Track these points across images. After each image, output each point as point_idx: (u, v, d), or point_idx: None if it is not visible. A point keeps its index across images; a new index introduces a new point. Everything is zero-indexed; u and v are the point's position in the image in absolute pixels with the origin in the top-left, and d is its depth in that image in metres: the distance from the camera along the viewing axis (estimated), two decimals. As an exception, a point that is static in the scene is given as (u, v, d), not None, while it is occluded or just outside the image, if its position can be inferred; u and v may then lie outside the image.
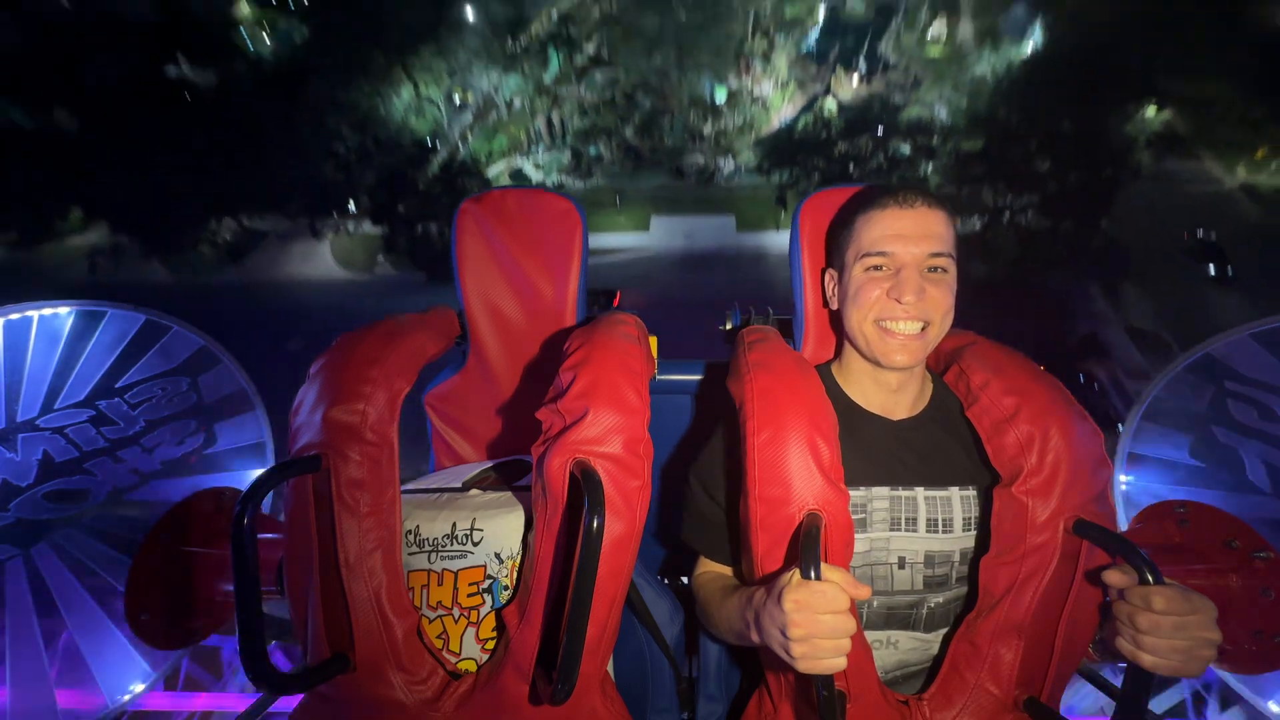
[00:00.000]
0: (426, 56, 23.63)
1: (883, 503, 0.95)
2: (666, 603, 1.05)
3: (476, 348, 1.26)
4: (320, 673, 0.81)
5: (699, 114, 24.83)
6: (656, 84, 24.41)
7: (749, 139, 25.24)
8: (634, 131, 24.93)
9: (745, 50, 24.51)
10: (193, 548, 1.26)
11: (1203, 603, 0.70)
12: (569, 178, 25.55)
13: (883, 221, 0.93)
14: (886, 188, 0.96)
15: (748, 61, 24.47)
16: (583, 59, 24.80)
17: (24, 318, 1.65)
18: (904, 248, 0.91)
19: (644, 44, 24.18)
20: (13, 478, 1.52)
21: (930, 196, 0.94)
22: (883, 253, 0.92)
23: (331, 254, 22.56)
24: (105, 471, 1.62)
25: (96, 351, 1.71)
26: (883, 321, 0.93)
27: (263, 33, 23.51)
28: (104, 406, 1.67)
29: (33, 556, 1.49)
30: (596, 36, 24.56)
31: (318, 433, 0.86)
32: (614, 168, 24.99)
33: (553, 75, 24.90)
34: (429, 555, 0.90)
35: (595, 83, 24.81)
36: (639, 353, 0.95)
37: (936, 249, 0.91)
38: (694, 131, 24.94)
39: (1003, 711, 0.85)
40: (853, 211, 0.98)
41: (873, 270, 0.93)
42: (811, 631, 0.68)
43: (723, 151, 25.10)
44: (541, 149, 25.47)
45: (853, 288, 0.96)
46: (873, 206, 0.95)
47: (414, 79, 23.72)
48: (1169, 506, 1.21)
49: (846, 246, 0.98)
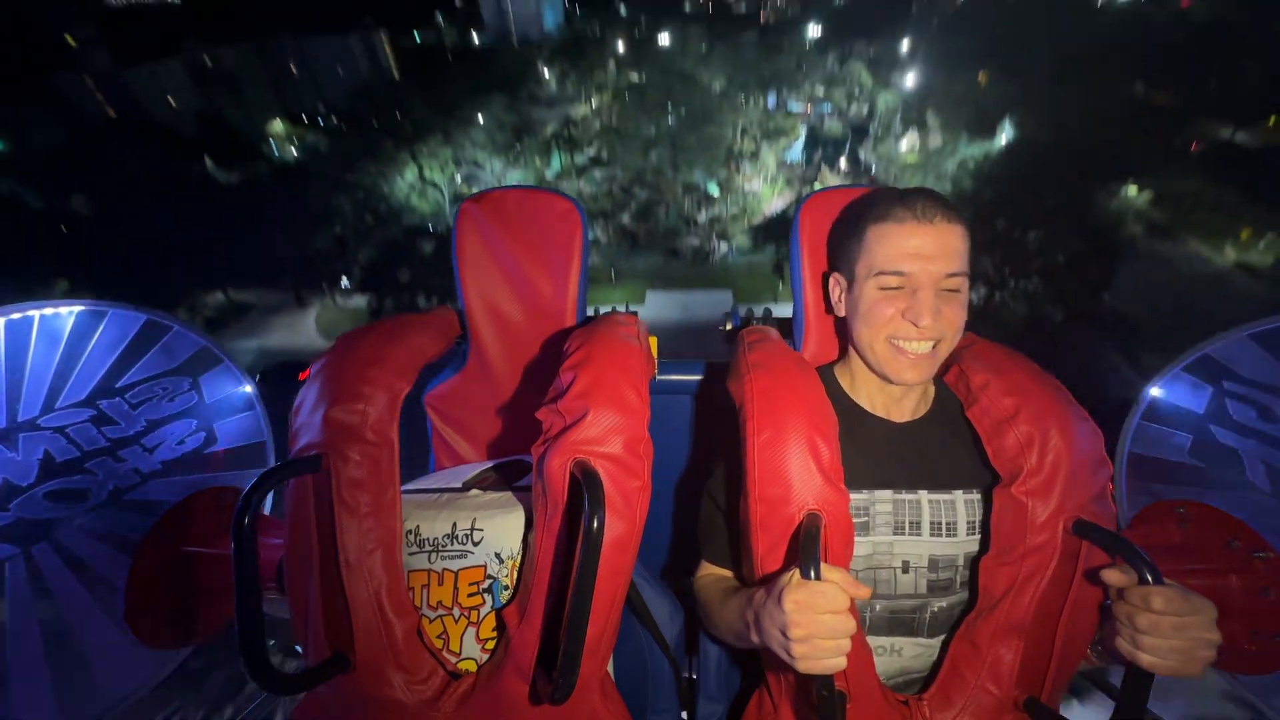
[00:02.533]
0: (433, 144, 24.79)
1: (885, 506, 0.94)
2: (666, 603, 1.05)
3: (476, 348, 1.26)
4: (320, 673, 0.81)
5: (694, 203, 25.82)
6: (653, 180, 25.46)
7: (743, 224, 26.18)
8: (630, 218, 25.76)
9: (734, 152, 26.00)
10: (193, 548, 1.26)
11: (1202, 603, 0.70)
12: None
13: (899, 237, 0.87)
14: (900, 195, 0.90)
15: (737, 163, 25.86)
16: (583, 159, 26.06)
17: (25, 317, 1.65)
18: (921, 267, 0.87)
19: (641, 145, 25.45)
20: (13, 477, 1.52)
21: (949, 208, 0.88)
22: (899, 272, 0.88)
23: (316, 325, 22.82)
24: (106, 471, 1.62)
25: (97, 351, 1.71)
26: (895, 340, 0.91)
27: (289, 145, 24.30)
28: (105, 406, 1.67)
29: (33, 556, 1.49)
30: (597, 142, 25.87)
31: (318, 433, 0.86)
32: (610, 249, 25.71)
33: (554, 173, 26.05)
34: (429, 555, 0.90)
35: (594, 178, 25.98)
36: (639, 353, 0.95)
37: (954, 268, 0.87)
38: (689, 218, 25.80)
39: (1003, 711, 0.85)
40: (863, 218, 0.92)
41: (888, 289, 0.90)
42: (811, 631, 0.68)
43: (718, 235, 25.98)
44: None
45: (864, 304, 0.92)
46: (888, 219, 0.89)
47: (419, 163, 24.70)
48: (1169, 506, 1.21)
49: (856, 257, 0.93)
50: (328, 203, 23.33)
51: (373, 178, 24.18)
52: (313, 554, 0.85)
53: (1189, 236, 21.54)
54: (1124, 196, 22.25)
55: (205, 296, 22.45)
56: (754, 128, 26.34)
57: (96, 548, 1.53)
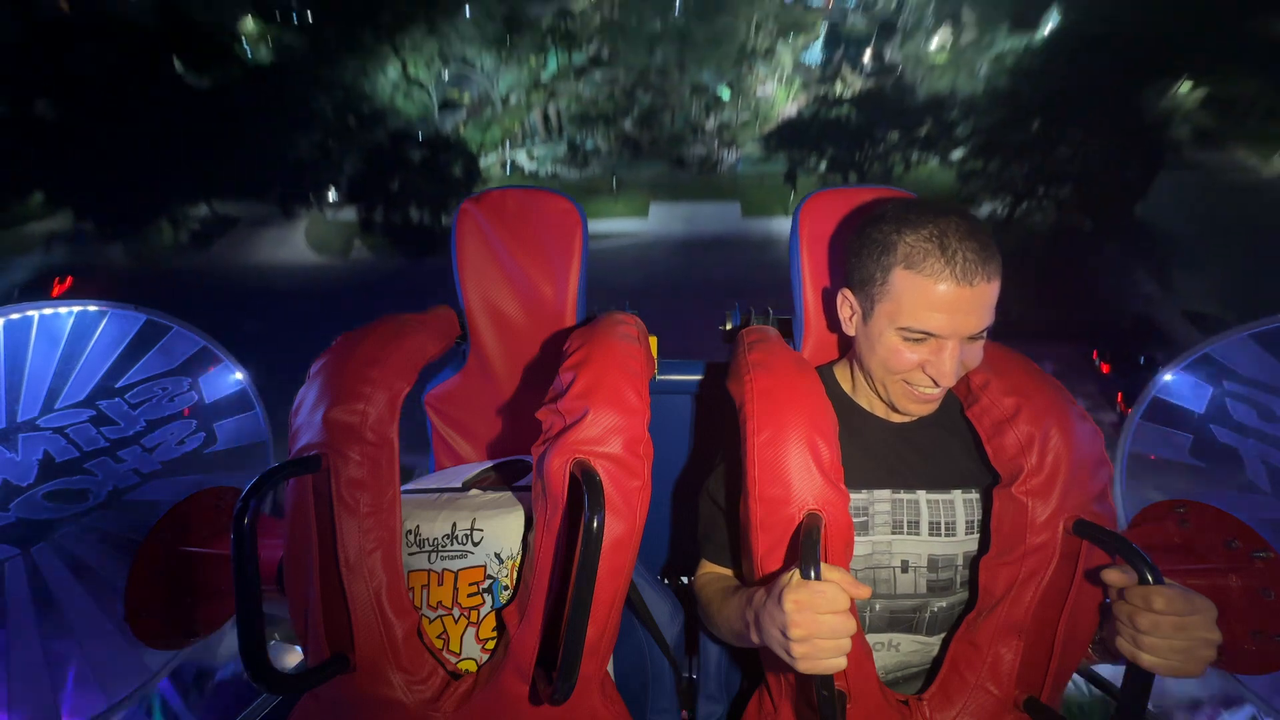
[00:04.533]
0: (416, 36, 22.88)
1: (884, 505, 0.94)
2: (666, 603, 1.05)
3: (477, 348, 1.26)
4: (320, 673, 0.81)
5: (701, 107, 24.27)
6: (657, 82, 23.96)
7: (754, 131, 24.63)
8: (633, 123, 24.42)
9: (747, 49, 24.01)
10: (193, 548, 1.26)
11: (1203, 603, 0.70)
12: (564, 168, 24.99)
13: (931, 296, 0.80)
14: (939, 238, 0.80)
15: (750, 62, 24.03)
16: (582, 59, 24.37)
17: (24, 318, 1.64)
18: (952, 329, 0.82)
19: (645, 41, 23.71)
20: (13, 478, 1.52)
21: (989, 260, 0.79)
22: (925, 332, 0.83)
23: (305, 239, 21.97)
24: (105, 471, 1.62)
25: (97, 351, 1.71)
26: (910, 383, 0.89)
27: (263, 46, 23.21)
28: (104, 406, 1.67)
29: (33, 556, 1.49)
30: (597, 39, 24.16)
31: (318, 433, 0.86)
32: (611, 158, 24.43)
33: (551, 74, 24.47)
34: (429, 555, 0.90)
35: (594, 80, 24.39)
36: (639, 353, 0.95)
37: (985, 325, 0.83)
38: (696, 125, 24.35)
39: (1003, 711, 0.85)
40: (891, 252, 0.83)
41: (910, 339, 0.85)
42: (812, 631, 0.68)
43: (726, 144, 24.50)
44: (537, 141, 24.99)
45: (882, 348, 0.88)
46: (921, 270, 0.80)
47: (402, 58, 23.02)
48: (1169, 506, 1.21)
49: (877, 295, 0.86)
50: (307, 104, 21.97)
51: (353, 75, 22.49)
52: (313, 554, 0.85)
53: (1236, 144, 19.81)
54: (1174, 95, 20.17)
55: (189, 209, 21.41)
56: (770, 21, 23.74)
57: (96, 548, 1.53)
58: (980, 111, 22.34)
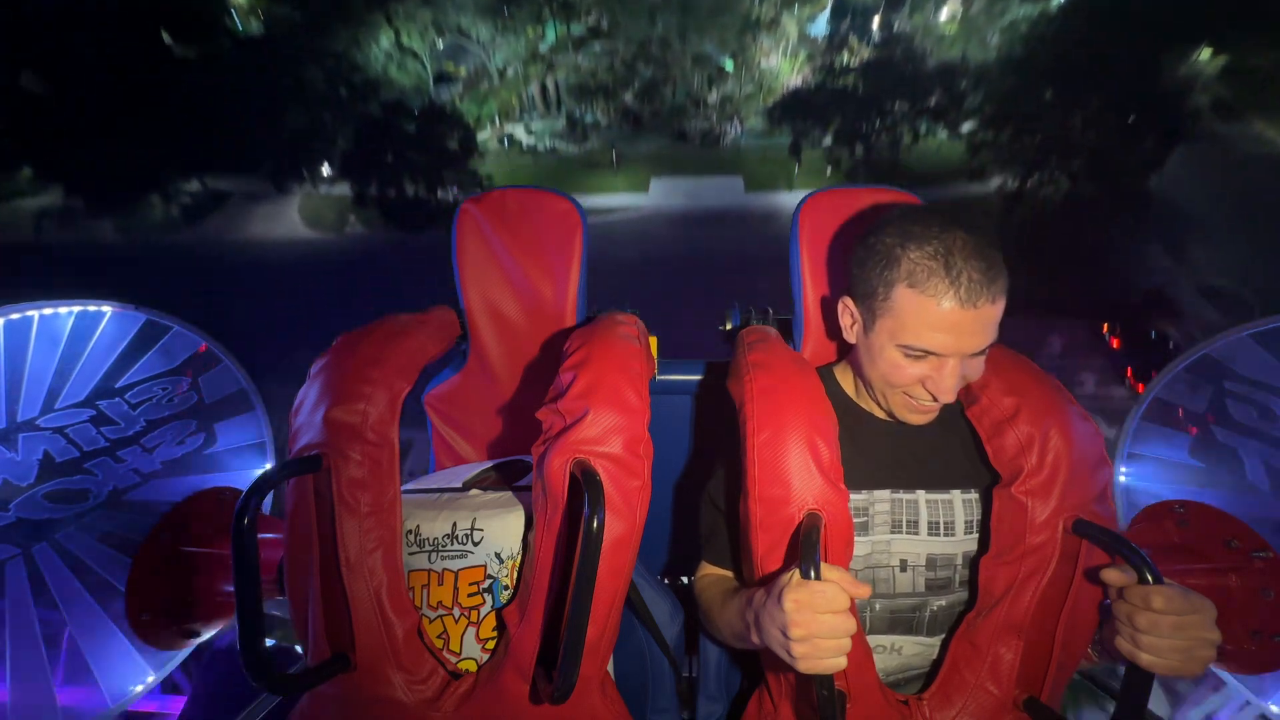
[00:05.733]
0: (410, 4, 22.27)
1: (884, 505, 0.95)
2: (666, 603, 1.05)
3: (477, 348, 1.26)
4: (320, 673, 0.81)
5: (703, 80, 23.55)
6: (658, 54, 23.19)
7: (757, 104, 23.96)
8: (633, 96, 23.73)
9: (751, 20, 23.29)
10: (193, 548, 1.27)
11: (1202, 602, 0.70)
12: (563, 142, 24.40)
13: (934, 316, 0.79)
14: (944, 256, 0.78)
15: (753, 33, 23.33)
16: (580, 29, 23.65)
17: (24, 318, 1.64)
18: (954, 348, 0.81)
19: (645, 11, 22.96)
20: (13, 478, 1.52)
21: (996, 282, 0.78)
22: (927, 350, 0.82)
23: (299, 214, 21.54)
24: (105, 471, 1.62)
25: (97, 351, 1.71)
26: (910, 395, 0.89)
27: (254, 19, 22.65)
28: (104, 406, 1.67)
29: (33, 556, 1.49)
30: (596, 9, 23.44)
31: (318, 432, 0.86)
32: (611, 132, 23.76)
33: (549, 45, 23.81)
34: (429, 555, 0.90)
35: (593, 52, 23.72)
36: (639, 353, 0.95)
37: (987, 343, 0.82)
38: (698, 98, 23.61)
39: (1002, 711, 0.85)
40: (894, 267, 0.81)
41: (911, 356, 0.84)
42: (812, 631, 0.68)
43: (728, 117, 23.84)
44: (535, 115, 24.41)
45: (883, 361, 0.87)
46: (925, 290, 0.78)
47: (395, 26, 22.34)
48: (1168, 506, 1.21)
49: (879, 309, 0.85)
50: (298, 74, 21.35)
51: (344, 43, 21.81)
52: (313, 554, 0.85)
53: (1256, 117, 18.97)
54: (1194, 62, 19.20)
55: (181, 184, 20.99)
56: (773, -2, 22.89)
57: (96, 548, 1.53)
58: (991, 80, 21.54)
